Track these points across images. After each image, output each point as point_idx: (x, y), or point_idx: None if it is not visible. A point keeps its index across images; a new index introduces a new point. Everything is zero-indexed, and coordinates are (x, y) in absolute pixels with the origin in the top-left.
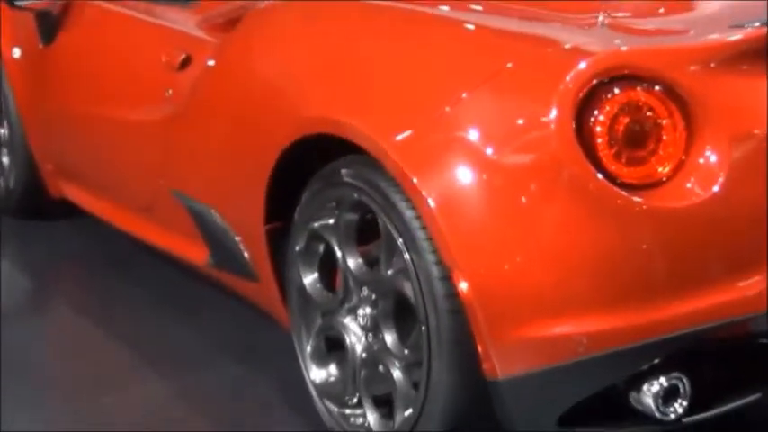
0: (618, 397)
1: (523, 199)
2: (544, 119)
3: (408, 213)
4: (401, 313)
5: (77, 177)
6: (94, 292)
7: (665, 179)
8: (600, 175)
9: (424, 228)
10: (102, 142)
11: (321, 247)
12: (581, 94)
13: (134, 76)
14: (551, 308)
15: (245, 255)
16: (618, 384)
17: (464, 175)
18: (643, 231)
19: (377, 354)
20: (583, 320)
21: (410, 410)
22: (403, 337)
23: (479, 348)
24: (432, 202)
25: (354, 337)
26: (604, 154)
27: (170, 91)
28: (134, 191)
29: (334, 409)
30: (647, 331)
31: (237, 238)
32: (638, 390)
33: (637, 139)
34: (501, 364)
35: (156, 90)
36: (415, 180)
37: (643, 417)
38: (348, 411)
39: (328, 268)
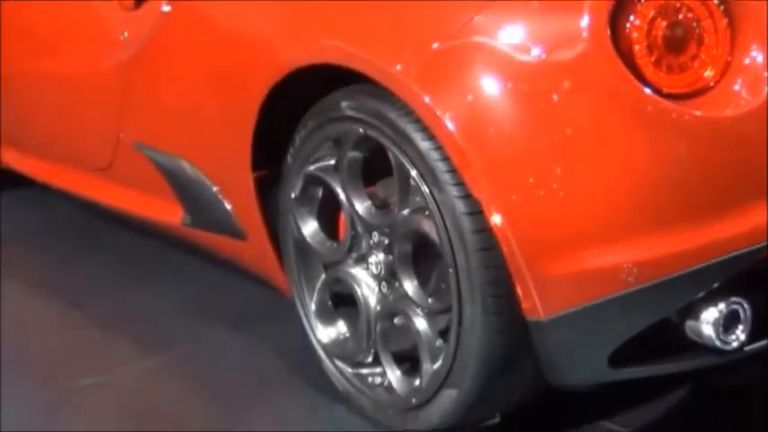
0: (673, 330)
1: (559, 118)
2: (576, 28)
3: (424, 144)
4: (418, 258)
5: (22, 142)
6: (55, 270)
7: (711, 84)
8: (643, 86)
9: (444, 159)
10: (48, 99)
11: (319, 193)
12: None
13: (81, 21)
14: (596, 235)
15: (229, 209)
16: (671, 316)
17: (488, 92)
18: (693, 144)
19: (394, 304)
20: (632, 247)
21: (439, 363)
22: (423, 284)
23: (518, 287)
24: (452, 126)
25: (366, 288)
26: (644, 62)
27: (125, 33)
28: (89, 149)
29: (348, 369)
30: (702, 254)
31: (218, 191)
32: (696, 318)
33: (677, 43)
34: (543, 303)
35: (109, 33)
36: (429, 100)
37: (702, 349)
38: (364, 371)
39: (327, 215)
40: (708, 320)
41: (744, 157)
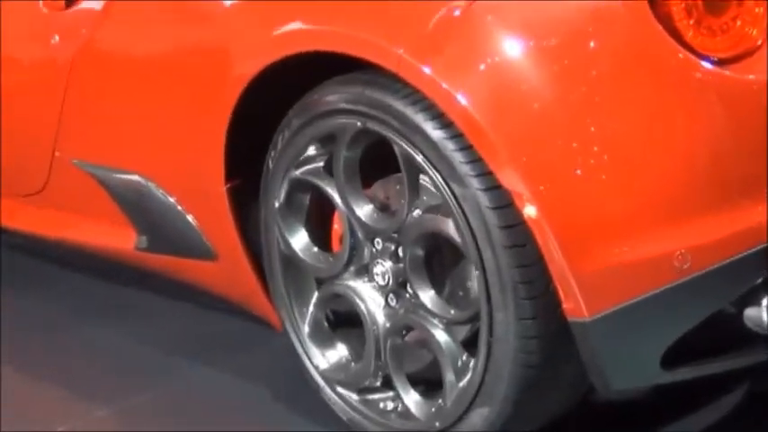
0: (728, 322)
1: (595, 92)
2: None
3: (437, 134)
4: (430, 264)
5: None
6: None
7: (756, 44)
8: (686, 52)
9: (462, 148)
10: None
11: (307, 199)
12: None
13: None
14: (645, 221)
15: (195, 227)
16: (725, 308)
17: (513, 69)
18: (745, 113)
19: (406, 318)
20: (685, 231)
21: (466, 380)
22: (438, 293)
23: (558, 286)
24: (471, 107)
25: (372, 302)
26: (683, 25)
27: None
28: (18, 171)
29: (353, 396)
30: (762, 233)
31: (181, 208)
32: (757, 305)
33: (716, 3)
34: (588, 301)
35: (36, 38)
36: (440, 80)
37: (762, 338)
38: (373, 397)
39: (316, 225)
40: None
41: None
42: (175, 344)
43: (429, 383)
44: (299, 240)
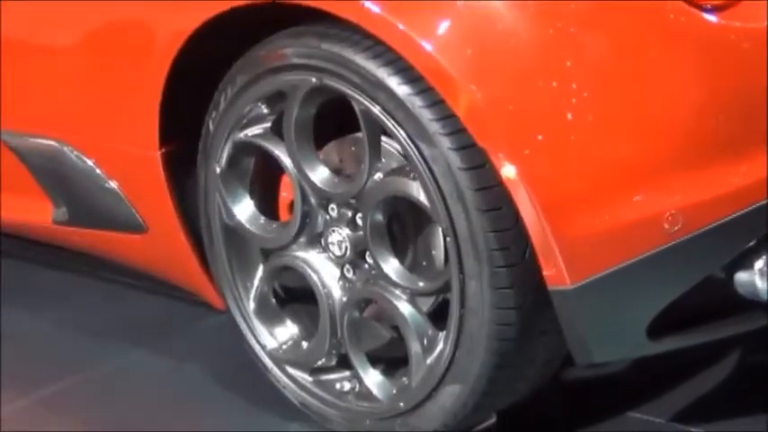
0: (717, 287)
1: (582, 40)
2: None
3: (403, 90)
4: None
5: None
6: None
7: None
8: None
9: (431, 104)
10: None
11: (251, 164)
12: None
13: None
14: (633, 181)
15: (122, 196)
16: (715, 273)
17: (490, 13)
18: (739, 62)
19: (365, 290)
20: (675, 191)
21: (434, 355)
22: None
23: (537, 252)
24: (446, 61)
25: (327, 274)
26: None
27: None
28: None
29: (306, 377)
30: (756, 192)
31: (106, 176)
32: (749, 269)
33: None
34: (570, 268)
35: None
36: (407, 29)
37: (753, 305)
38: (328, 377)
39: (260, 191)
40: (764, 270)
41: None
42: (98, 327)
43: (389, 362)
44: (244, 209)
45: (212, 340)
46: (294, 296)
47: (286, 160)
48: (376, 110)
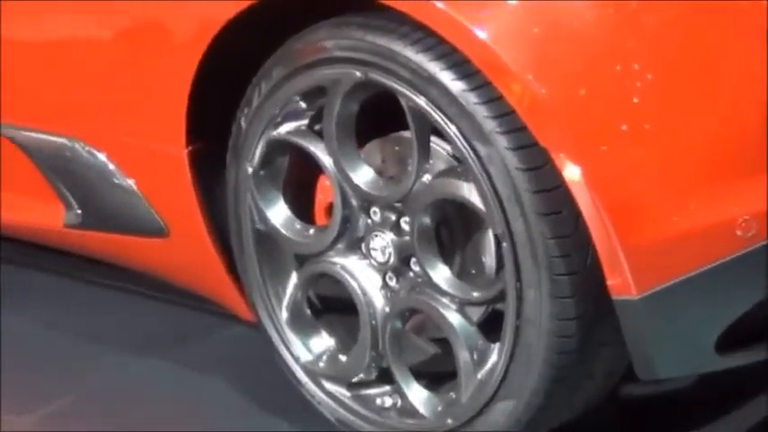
0: None
1: (653, 31)
2: None
3: (456, 85)
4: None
5: None
6: None
7: None
8: None
9: (488, 101)
10: None
11: (285, 164)
12: None
13: None
14: (705, 184)
15: (142, 198)
16: None
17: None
18: None
19: (410, 299)
20: (749, 195)
21: (485, 369)
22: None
23: (601, 259)
24: (506, 55)
25: (368, 282)
26: None
27: None
28: None
29: (343, 392)
30: None
31: (124, 176)
32: None
33: None
34: (636, 277)
35: None
36: (471, 26)
37: None
38: (368, 392)
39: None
40: None
41: None
42: (109, 337)
43: (432, 376)
44: (278, 212)
45: (228, 352)
46: (329, 306)
47: (325, 160)
48: (427, 107)
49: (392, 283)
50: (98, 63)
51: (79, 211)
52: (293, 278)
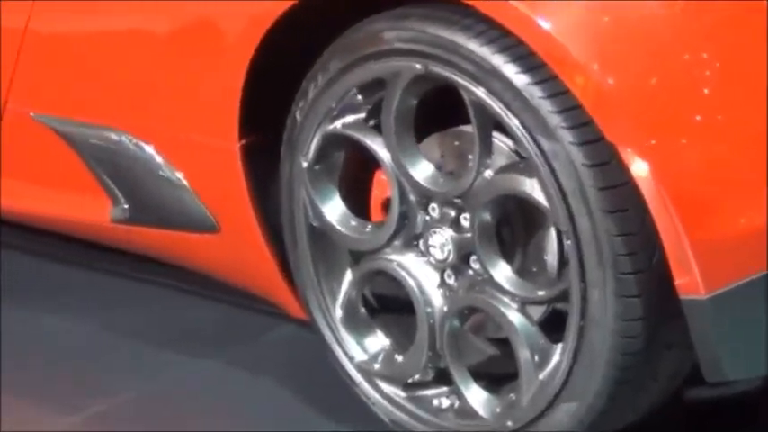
0: None
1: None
2: None
3: (521, 79)
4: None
5: None
6: None
7: None
8: None
9: (553, 95)
10: None
11: (341, 159)
12: None
13: None
14: None
15: (193, 192)
16: None
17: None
18: None
19: (470, 298)
20: None
21: (548, 370)
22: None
23: (669, 258)
24: (574, 48)
25: (426, 280)
26: None
27: None
28: None
29: (399, 392)
30: None
31: (173, 169)
32: None
33: None
34: (706, 276)
35: None
36: (536, 18)
37: None
38: (424, 392)
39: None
40: None
41: None
42: (154, 336)
43: (491, 377)
44: (334, 208)
45: (278, 351)
46: (383, 304)
47: (383, 154)
48: (489, 100)
49: (450, 281)
50: (150, 56)
51: (126, 206)
52: (348, 275)
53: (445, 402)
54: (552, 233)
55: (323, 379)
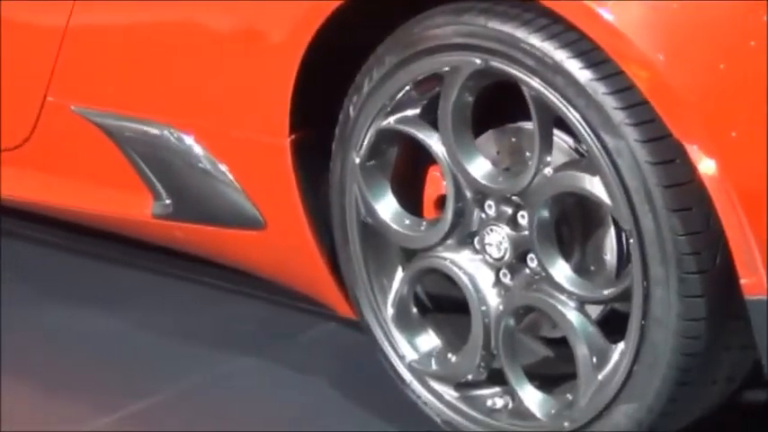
0: None
1: None
2: None
3: (584, 74)
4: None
5: None
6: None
7: None
8: None
9: (618, 90)
10: None
11: (394, 155)
12: None
13: None
14: None
15: (239, 188)
16: None
17: None
18: None
19: (526, 297)
20: None
21: (607, 370)
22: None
23: (735, 258)
24: (641, 43)
25: (481, 279)
26: None
27: None
28: None
29: (451, 392)
30: None
31: (218, 163)
32: None
33: None
34: None
35: None
36: (602, 12)
37: None
38: (478, 393)
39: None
40: None
41: None
42: (193, 334)
43: (545, 378)
44: (387, 204)
45: (325, 350)
46: (435, 303)
47: (439, 150)
48: (551, 96)
49: (506, 279)
50: (198, 51)
51: (168, 201)
52: (399, 273)
53: (499, 402)
54: (611, 231)
55: (366, 377)
